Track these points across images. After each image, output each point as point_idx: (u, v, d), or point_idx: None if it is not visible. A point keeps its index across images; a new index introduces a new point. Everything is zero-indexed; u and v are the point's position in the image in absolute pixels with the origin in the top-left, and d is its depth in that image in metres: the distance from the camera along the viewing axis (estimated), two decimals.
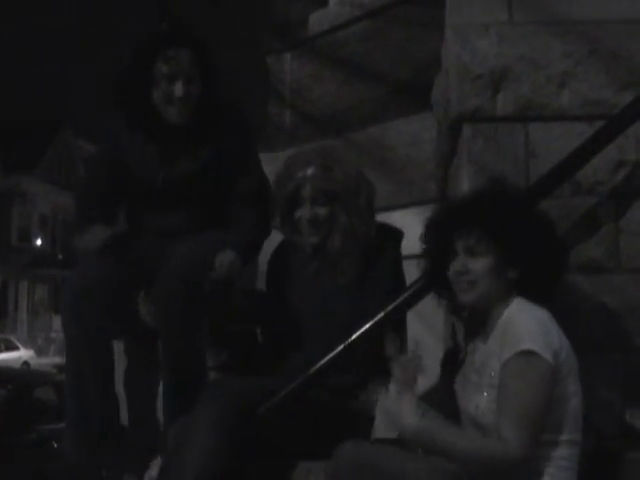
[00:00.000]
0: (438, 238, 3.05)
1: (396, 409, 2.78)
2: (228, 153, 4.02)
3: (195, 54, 3.97)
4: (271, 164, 4.85)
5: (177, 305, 3.67)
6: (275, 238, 4.03)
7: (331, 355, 3.36)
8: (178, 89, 3.91)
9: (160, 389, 3.92)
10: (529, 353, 2.66)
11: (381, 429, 3.13)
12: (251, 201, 4.01)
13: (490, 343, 2.88)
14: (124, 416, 3.97)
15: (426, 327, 4.72)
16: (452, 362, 3.59)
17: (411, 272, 3.66)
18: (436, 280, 3.17)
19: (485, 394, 2.79)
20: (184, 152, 4.01)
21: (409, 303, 3.45)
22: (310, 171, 3.69)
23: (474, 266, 2.90)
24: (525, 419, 2.62)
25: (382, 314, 3.38)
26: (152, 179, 4.01)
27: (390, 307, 3.39)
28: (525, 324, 2.74)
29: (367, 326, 3.35)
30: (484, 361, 2.88)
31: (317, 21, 6.63)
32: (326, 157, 3.74)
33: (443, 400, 3.09)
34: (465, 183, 3.62)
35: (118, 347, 4.10)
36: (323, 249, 3.70)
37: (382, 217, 3.93)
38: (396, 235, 3.75)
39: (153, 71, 3.94)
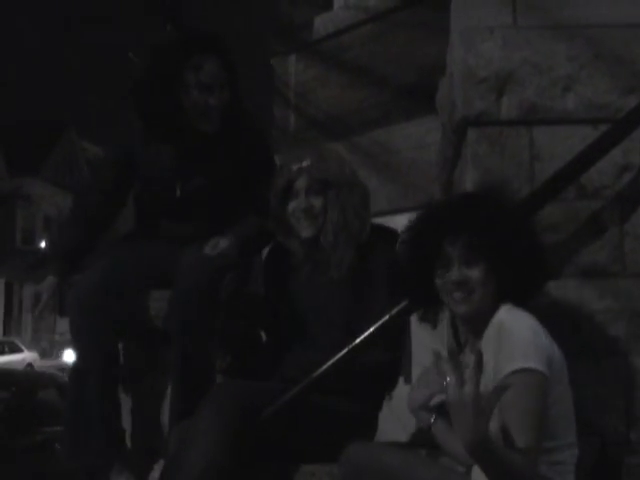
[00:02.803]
0: (427, 247, 2.98)
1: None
2: (246, 163, 4.01)
3: (223, 61, 3.96)
4: None
5: (190, 309, 3.67)
6: None
7: (335, 359, 3.35)
8: (214, 99, 3.90)
9: (168, 391, 3.92)
10: (524, 370, 2.64)
11: (386, 432, 3.13)
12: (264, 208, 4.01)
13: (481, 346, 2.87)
14: (126, 419, 3.97)
15: (428, 327, 4.72)
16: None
17: None
18: (419, 293, 3.14)
19: None
20: (203, 165, 3.99)
21: (412, 308, 3.44)
22: (305, 163, 3.70)
23: (472, 275, 2.87)
24: (525, 428, 2.61)
25: (387, 317, 3.37)
26: (169, 190, 4.00)
27: (394, 310, 3.38)
28: (520, 336, 2.71)
29: (372, 329, 3.34)
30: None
31: (322, 24, 6.64)
32: (322, 151, 3.76)
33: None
34: (469, 187, 3.61)
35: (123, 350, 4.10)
36: (316, 246, 3.69)
37: (386, 221, 3.94)
38: (392, 235, 3.73)
39: (181, 79, 3.91)
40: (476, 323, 2.92)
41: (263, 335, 4.00)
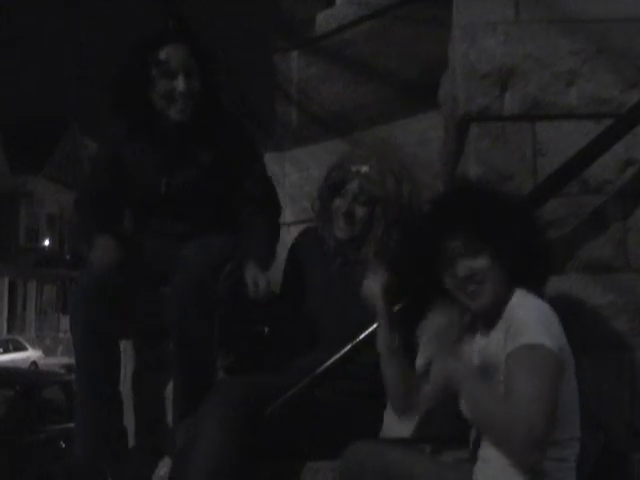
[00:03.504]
0: (427, 246, 2.97)
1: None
2: (230, 156, 4.01)
3: (192, 49, 3.95)
4: (278, 164, 4.86)
5: (190, 307, 3.67)
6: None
7: (338, 355, 3.35)
8: (179, 84, 3.90)
9: (169, 388, 3.92)
10: (535, 346, 2.64)
11: (391, 428, 3.13)
12: (259, 206, 4.00)
13: (492, 335, 2.86)
14: (129, 417, 3.97)
15: None
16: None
17: None
18: (421, 292, 3.14)
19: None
20: (185, 158, 4.00)
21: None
22: (364, 169, 3.68)
23: (478, 265, 2.86)
24: (538, 411, 2.60)
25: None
26: (154, 188, 4.00)
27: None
28: (531, 316, 2.72)
29: (374, 326, 3.34)
30: (485, 358, 2.86)
31: (324, 20, 6.62)
32: (386, 165, 3.72)
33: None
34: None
35: (124, 348, 4.10)
36: (351, 248, 3.69)
37: None
38: None
39: (149, 72, 3.92)
40: (490, 314, 2.91)
41: (266, 331, 3.99)
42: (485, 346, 2.90)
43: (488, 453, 2.76)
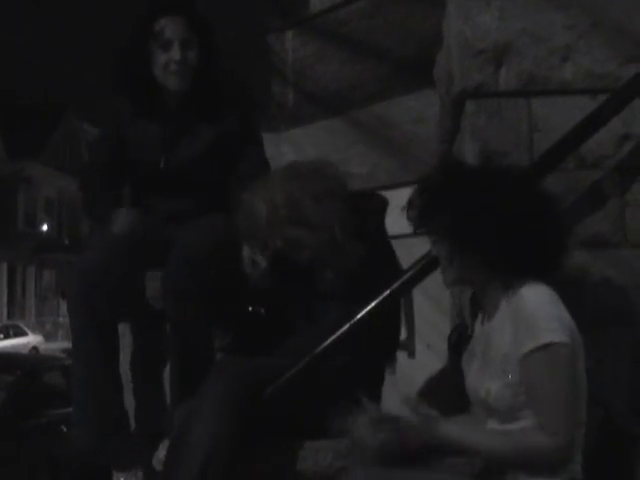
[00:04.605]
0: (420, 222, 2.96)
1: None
2: (229, 135, 4.01)
3: (190, 21, 3.96)
4: (275, 144, 4.85)
5: (186, 289, 3.66)
6: None
7: (337, 334, 3.34)
8: (175, 54, 3.91)
9: (167, 372, 3.92)
10: (551, 345, 2.62)
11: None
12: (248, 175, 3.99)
13: (494, 324, 2.84)
14: (128, 400, 3.96)
15: (433, 304, 4.72)
16: (459, 339, 3.58)
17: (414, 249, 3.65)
18: None
19: (498, 379, 2.75)
20: (186, 135, 4.00)
21: (415, 280, 3.44)
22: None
23: (440, 251, 2.87)
24: (565, 410, 2.59)
25: (387, 292, 3.36)
26: (155, 164, 4.01)
27: (396, 284, 3.37)
28: (540, 310, 2.68)
29: (372, 304, 3.33)
30: (489, 341, 2.85)
31: None
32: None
33: (452, 377, 3.08)
34: (469, 159, 3.60)
35: (123, 331, 4.09)
36: None
37: (386, 195, 3.91)
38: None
39: (149, 47, 3.94)
40: (486, 304, 2.90)
41: (262, 311, 3.99)
42: (487, 334, 2.88)
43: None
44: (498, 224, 2.74)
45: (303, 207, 3.52)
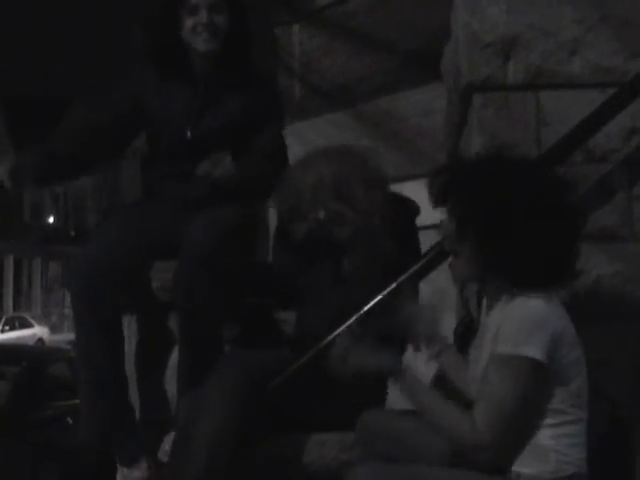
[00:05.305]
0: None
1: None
2: (257, 105, 4.01)
3: None
4: None
5: (197, 280, 3.65)
6: None
7: (344, 326, 3.34)
8: (202, 17, 3.92)
9: (171, 362, 3.91)
10: (523, 358, 2.61)
11: (395, 401, 3.13)
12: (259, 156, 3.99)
13: (485, 332, 2.84)
14: (134, 394, 3.96)
15: (439, 296, 4.71)
16: (465, 332, 3.58)
17: (424, 243, 3.66)
18: None
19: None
20: (214, 104, 3.99)
21: (421, 273, 3.44)
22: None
23: (452, 245, 2.86)
24: (500, 417, 2.59)
25: (394, 284, 3.36)
26: (180, 133, 3.99)
27: (402, 277, 3.37)
28: (526, 322, 2.65)
29: (380, 297, 3.33)
30: (483, 338, 2.85)
31: None
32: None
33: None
34: (476, 152, 3.59)
35: (128, 323, 4.09)
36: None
37: (394, 188, 3.91)
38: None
39: (177, 14, 3.97)
40: (489, 301, 2.91)
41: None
42: (479, 339, 2.89)
43: None
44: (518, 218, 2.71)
45: (350, 187, 3.60)
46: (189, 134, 3.98)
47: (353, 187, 3.59)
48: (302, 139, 6.46)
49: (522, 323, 2.64)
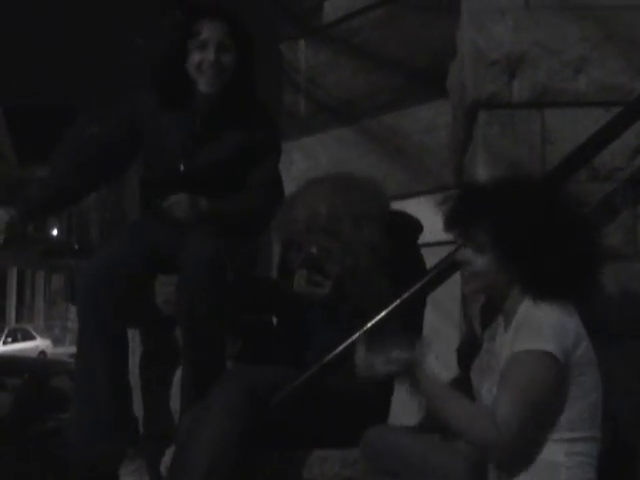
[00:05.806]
0: (454, 225, 2.94)
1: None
2: (255, 145, 4.01)
3: (229, 27, 3.98)
4: (286, 152, 4.85)
5: (200, 294, 3.64)
6: None
7: (347, 343, 3.33)
8: (209, 55, 3.92)
9: (176, 377, 3.91)
10: (545, 353, 2.61)
11: (399, 417, 3.13)
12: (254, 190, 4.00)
13: (506, 335, 2.84)
14: (137, 407, 3.96)
15: (442, 315, 4.70)
16: (468, 350, 3.57)
17: (427, 261, 3.66)
18: None
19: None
20: (210, 140, 3.99)
21: (425, 290, 3.44)
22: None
23: (476, 260, 2.83)
24: (522, 401, 2.58)
25: (398, 301, 3.35)
26: (174, 166, 4.00)
27: (406, 294, 3.37)
28: (547, 320, 2.68)
29: (383, 314, 3.33)
30: (499, 351, 2.85)
31: (332, 8, 6.61)
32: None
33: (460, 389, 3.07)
34: (481, 170, 3.60)
35: (133, 336, 4.09)
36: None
37: (397, 206, 3.92)
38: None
39: (186, 47, 3.97)
40: (499, 305, 2.90)
41: (274, 319, 3.99)
42: (498, 348, 2.88)
43: None
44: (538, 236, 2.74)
45: (342, 224, 3.60)
46: (182, 167, 3.99)
47: (343, 225, 3.60)
48: (307, 154, 6.47)
49: (542, 327, 2.65)
